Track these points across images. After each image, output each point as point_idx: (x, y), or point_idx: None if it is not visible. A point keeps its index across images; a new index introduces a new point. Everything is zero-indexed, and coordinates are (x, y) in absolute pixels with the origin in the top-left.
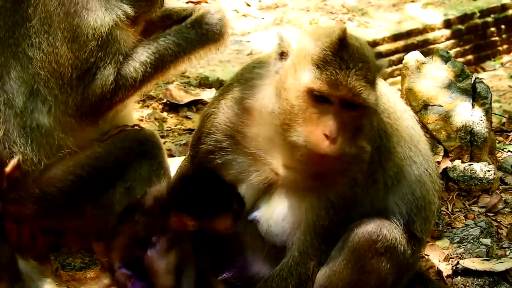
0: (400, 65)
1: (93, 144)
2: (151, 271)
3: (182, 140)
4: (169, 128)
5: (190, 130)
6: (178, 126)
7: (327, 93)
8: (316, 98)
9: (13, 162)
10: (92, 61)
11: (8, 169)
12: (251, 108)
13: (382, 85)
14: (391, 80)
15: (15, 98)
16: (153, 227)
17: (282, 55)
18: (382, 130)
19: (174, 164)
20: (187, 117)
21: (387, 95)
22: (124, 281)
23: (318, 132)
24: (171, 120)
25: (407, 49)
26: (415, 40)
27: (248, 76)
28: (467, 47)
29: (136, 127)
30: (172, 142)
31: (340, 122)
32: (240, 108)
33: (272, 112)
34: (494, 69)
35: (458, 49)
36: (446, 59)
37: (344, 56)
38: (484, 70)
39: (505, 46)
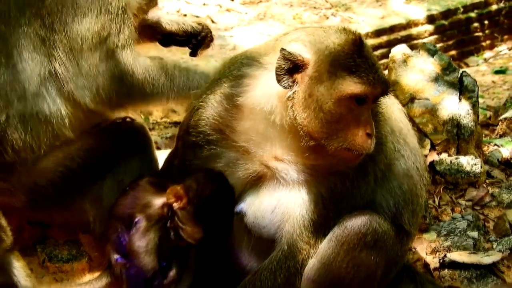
0: (384, 60)
1: (84, 136)
2: (132, 254)
3: (168, 133)
4: (154, 121)
5: (176, 123)
6: (164, 119)
7: (369, 93)
8: (356, 102)
9: None
10: (104, 36)
11: None
12: (241, 105)
13: None
14: None
15: (25, 80)
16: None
17: (294, 69)
18: (376, 122)
19: (160, 157)
20: (173, 111)
21: None
22: (120, 271)
23: (361, 133)
24: (157, 114)
25: (390, 44)
26: (398, 36)
27: (237, 74)
28: (450, 42)
29: (127, 119)
30: (158, 135)
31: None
32: (229, 104)
33: (276, 115)
34: (477, 65)
35: (441, 44)
36: (432, 52)
37: (366, 54)
38: (467, 65)
39: (488, 42)
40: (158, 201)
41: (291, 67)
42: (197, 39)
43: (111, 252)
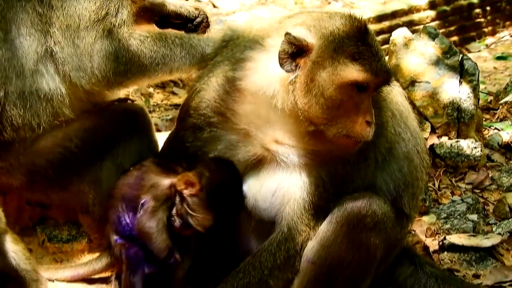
0: (386, 46)
1: (83, 116)
2: (143, 235)
3: (168, 115)
4: (155, 104)
5: (176, 105)
6: (165, 102)
7: (371, 81)
8: (357, 89)
9: None
10: (101, 15)
11: None
12: (243, 89)
13: None
14: None
15: (22, 56)
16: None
17: (298, 53)
18: (377, 105)
19: (161, 139)
20: (173, 93)
21: None
22: (119, 252)
23: (360, 121)
24: (158, 96)
25: (392, 29)
26: (400, 21)
27: (240, 57)
28: (452, 28)
29: (128, 101)
30: (159, 117)
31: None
32: (231, 87)
33: (278, 99)
34: (479, 51)
35: (443, 30)
36: (433, 35)
37: (370, 42)
38: (468, 51)
39: (490, 28)
40: (164, 182)
41: (294, 52)
42: (193, 24)
43: (111, 233)
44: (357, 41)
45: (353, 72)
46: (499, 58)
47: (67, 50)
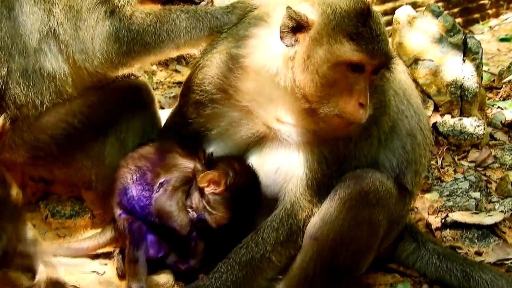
0: (389, 27)
1: (86, 92)
2: (163, 214)
3: (171, 92)
4: (158, 81)
5: (179, 83)
6: (168, 79)
7: (366, 62)
8: (352, 69)
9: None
10: None
11: None
12: (247, 67)
13: None
14: None
15: (25, 34)
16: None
17: (298, 28)
18: (380, 84)
19: (164, 116)
20: (176, 71)
21: None
22: (123, 226)
23: (353, 102)
24: (161, 73)
25: (395, 11)
26: (403, 3)
27: (244, 34)
28: (455, 10)
29: (132, 77)
30: (162, 95)
31: (369, 89)
32: (234, 64)
33: (280, 77)
34: (482, 33)
35: (446, 11)
36: (437, 13)
37: (372, 25)
38: (472, 33)
39: (493, 10)
40: (188, 165)
41: (295, 26)
42: (194, 2)
43: (115, 206)
44: (357, 22)
45: (347, 52)
46: (502, 40)
47: (69, 32)
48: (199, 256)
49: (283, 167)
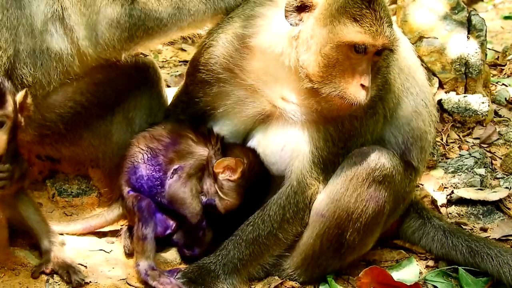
0: (394, 5)
1: (94, 70)
2: (176, 200)
3: (177, 71)
4: (164, 60)
5: (185, 62)
6: (174, 58)
7: (369, 44)
8: (355, 50)
9: (22, 93)
10: None
11: (19, 98)
12: (253, 47)
13: None
14: None
15: (30, 16)
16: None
17: (302, 8)
18: (385, 62)
19: (170, 94)
20: (182, 49)
21: None
22: (132, 204)
23: (354, 83)
24: (166, 52)
25: None
26: None
27: (250, 14)
28: None
29: (139, 55)
30: (168, 73)
31: (371, 71)
32: (240, 44)
33: (285, 57)
34: (486, 11)
35: None
36: None
37: (376, 7)
38: (476, 11)
39: None
40: (203, 152)
41: (299, 5)
42: None
43: (123, 184)
44: (362, 4)
45: (350, 33)
46: (506, 18)
47: (74, 18)
48: (205, 246)
49: (289, 144)
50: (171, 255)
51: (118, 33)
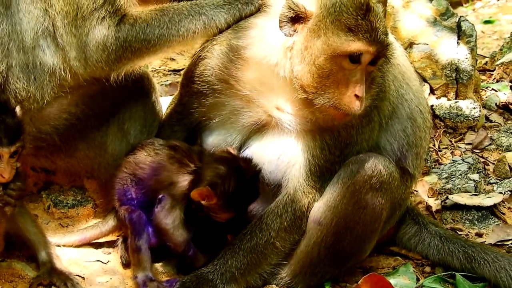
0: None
1: (88, 82)
2: (160, 231)
3: (167, 80)
4: (153, 69)
5: (175, 71)
6: (163, 67)
7: (364, 51)
8: (350, 60)
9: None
10: (100, 3)
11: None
12: (247, 58)
13: None
14: None
15: (21, 32)
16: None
17: (297, 19)
18: (379, 71)
19: (164, 104)
20: (171, 58)
21: None
22: (124, 216)
23: (349, 94)
24: (155, 62)
25: None
26: None
27: (244, 24)
28: None
29: None
30: (158, 83)
31: (365, 81)
32: (235, 55)
33: (280, 67)
34: (467, 15)
35: None
36: None
37: (370, 17)
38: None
39: None
40: (183, 182)
41: (293, 17)
42: None
43: (115, 199)
44: (357, 16)
45: (344, 43)
46: (486, 22)
47: (65, 38)
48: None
49: (286, 153)
50: (168, 264)
51: (105, 55)
